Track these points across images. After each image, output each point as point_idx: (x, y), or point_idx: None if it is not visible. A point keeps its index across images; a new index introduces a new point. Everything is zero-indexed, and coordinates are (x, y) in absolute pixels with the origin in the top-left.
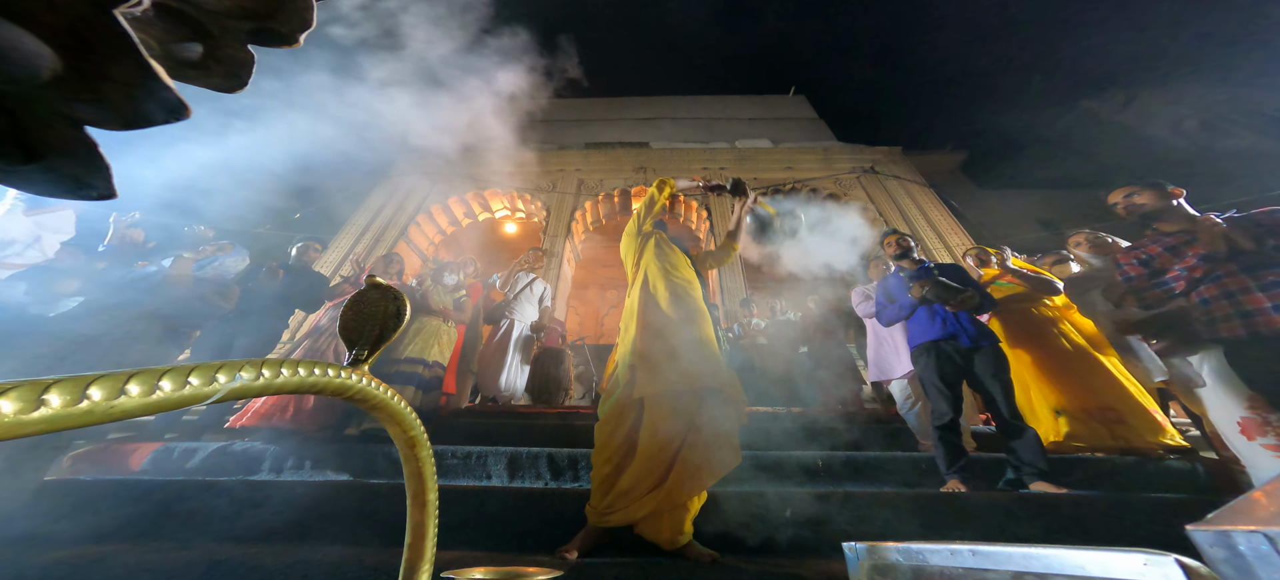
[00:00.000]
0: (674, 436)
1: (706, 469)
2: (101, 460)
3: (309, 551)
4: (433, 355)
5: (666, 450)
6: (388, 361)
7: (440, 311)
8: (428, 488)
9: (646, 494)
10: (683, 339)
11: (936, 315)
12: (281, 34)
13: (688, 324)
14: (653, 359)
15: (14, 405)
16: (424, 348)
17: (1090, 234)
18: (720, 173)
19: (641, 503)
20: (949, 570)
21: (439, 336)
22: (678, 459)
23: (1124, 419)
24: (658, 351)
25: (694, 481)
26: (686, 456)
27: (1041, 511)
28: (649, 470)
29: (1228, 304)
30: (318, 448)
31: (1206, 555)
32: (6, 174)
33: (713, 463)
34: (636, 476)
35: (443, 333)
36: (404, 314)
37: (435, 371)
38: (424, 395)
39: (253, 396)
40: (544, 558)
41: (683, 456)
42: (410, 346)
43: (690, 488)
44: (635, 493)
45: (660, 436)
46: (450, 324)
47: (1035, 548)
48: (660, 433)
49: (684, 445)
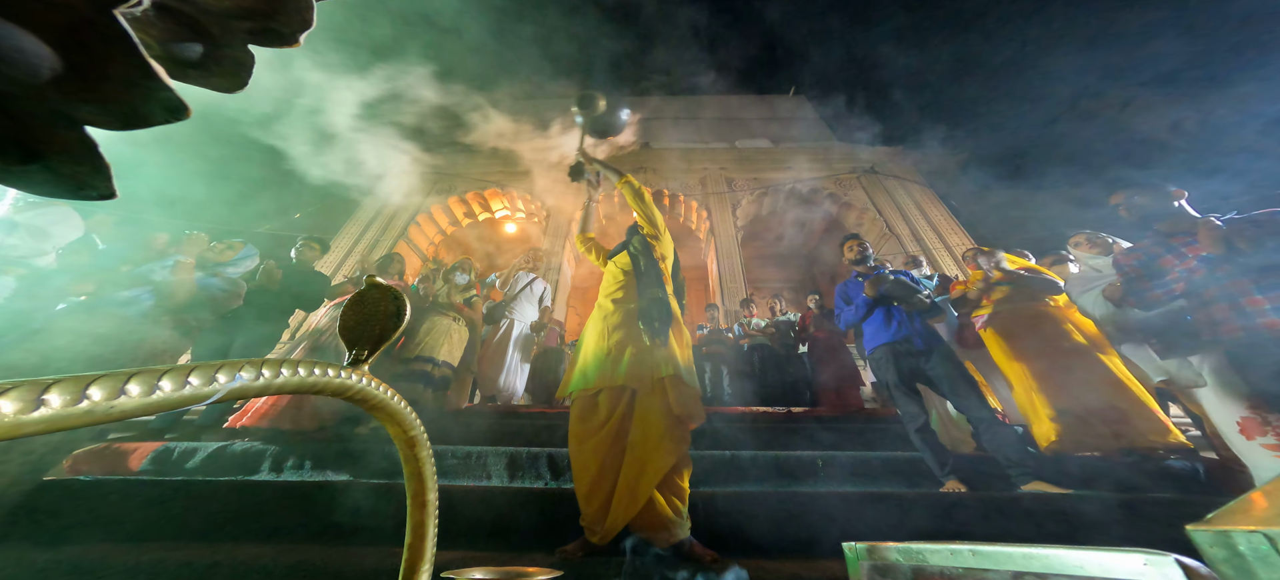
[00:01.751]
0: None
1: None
2: (101, 460)
3: (309, 551)
4: (442, 354)
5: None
6: (398, 360)
7: (454, 307)
8: (428, 488)
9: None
10: (589, 346)
11: (893, 318)
12: (281, 34)
13: (590, 334)
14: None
15: (14, 405)
16: (434, 347)
17: (1090, 234)
18: (635, 174)
19: (615, 515)
20: (949, 570)
21: (449, 335)
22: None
23: (1125, 419)
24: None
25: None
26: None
27: (1041, 511)
28: (610, 479)
29: (1227, 305)
30: (318, 448)
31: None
32: (6, 174)
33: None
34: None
35: (453, 332)
36: (404, 314)
37: (444, 370)
38: (433, 394)
39: (253, 396)
40: (544, 558)
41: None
42: (421, 345)
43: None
44: (604, 509)
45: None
46: (461, 323)
47: (1035, 548)
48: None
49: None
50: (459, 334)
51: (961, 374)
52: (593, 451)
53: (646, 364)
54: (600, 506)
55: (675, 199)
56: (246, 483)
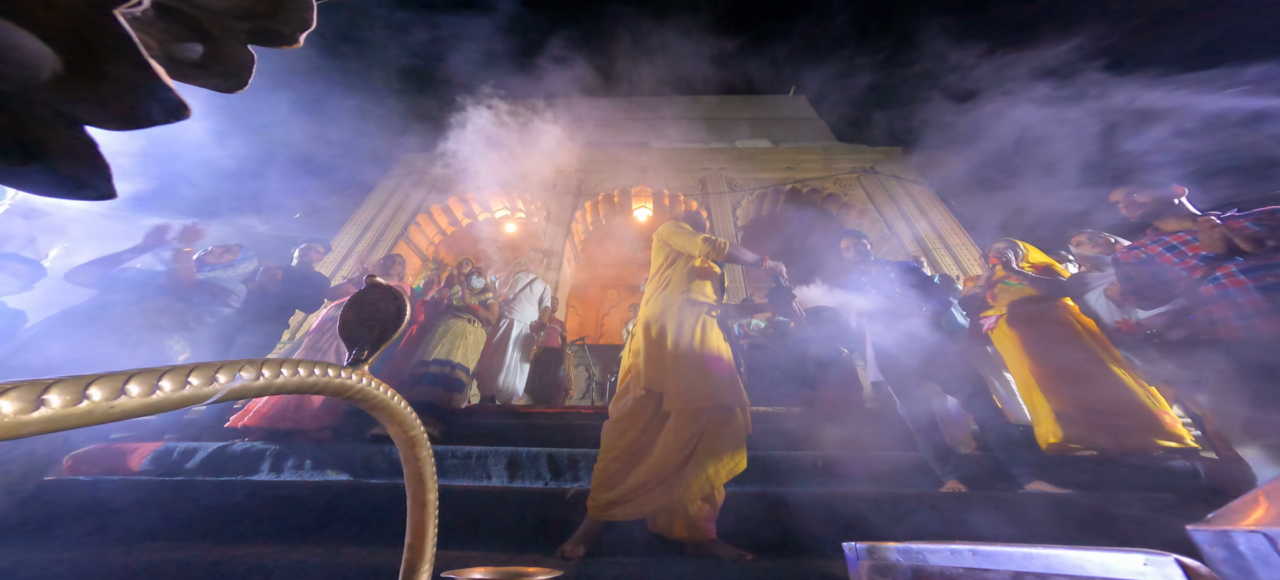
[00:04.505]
0: (689, 442)
1: (715, 473)
2: (101, 460)
3: (309, 551)
4: (458, 356)
5: (681, 454)
6: (417, 362)
7: (469, 309)
8: (428, 488)
9: (656, 488)
10: (707, 357)
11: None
12: (281, 34)
13: (711, 344)
14: (683, 374)
15: (14, 405)
16: (450, 349)
17: (1091, 233)
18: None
19: (651, 497)
20: (949, 570)
21: (465, 338)
22: (690, 462)
23: (1126, 419)
24: (687, 368)
25: (701, 483)
26: (697, 460)
27: (1041, 511)
28: (662, 471)
29: (1227, 304)
30: (318, 448)
31: (1206, 555)
32: (6, 174)
33: (721, 468)
34: (649, 475)
35: (468, 334)
36: (404, 314)
37: (459, 373)
38: (449, 395)
39: (253, 396)
40: (544, 558)
41: (694, 460)
42: (437, 348)
43: (697, 488)
44: (645, 488)
45: (680, 440)
46: (476, 325)
47: (1035, 548)
48: (680, 438)
49: (695, 452)
50: (475, 336)
51: (972, 373)
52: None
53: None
54: (635, 484)
55: (675, 199)
56: (246, 483)
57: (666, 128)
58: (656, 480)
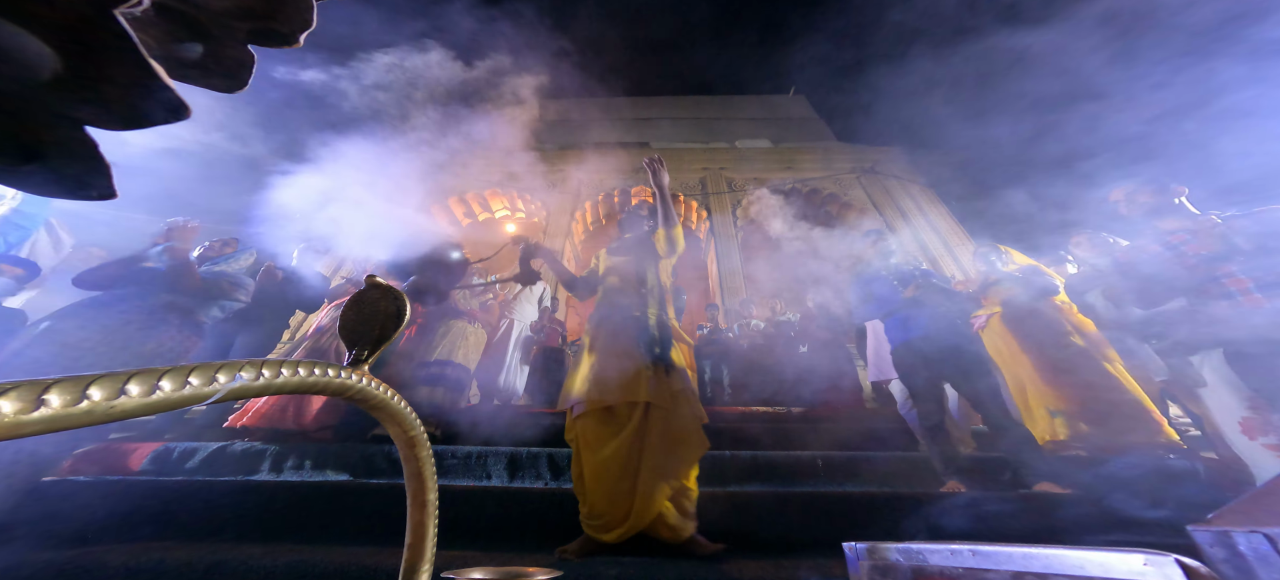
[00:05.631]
0: (633, 446)
1: (671, 469)
2: (101, 460)
3: (309, 551)
4: (459, 357)
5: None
6: (417, 363)
7: (467, 312)
8: (428, 488)
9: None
10: (617, 351)
11: (919, 315)
12: (281, 34)
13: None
14: (598, 376)
15: (14, 405)
16: (450, 350)
17: (1092, 234)
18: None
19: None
20: (949, 570)
21: (466, 338)
22: (641, 471)
23: (1125, 419)
24: (595, 373)
25: (661, 484)
26: (647, 465)
27: (1041, 511)
28: (613, 492)
29: (1227, 304)
30: (318, 448)
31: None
32: (6, 174)
33: (680, 463)
34: (603, 499)
35: (469, 335)
36: (404, 314)
37: (460, 373)
38: (451, 395)
39: (253, 396)
40: (544, 558)
41: (644, 468)
42: (438, 349)
43: (661, 491)
44: (612, 515)
45: (624, 447)
46: (477, 326)
47: (1035, 548)
48: (622, 445)
49: (643, 454)
50: (475, 338)
51: (986, 371)
52: (614, 454)
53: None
54: (623, 509)
55: (675, 199)
56: (246, 483)
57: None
58: (626, 493)
